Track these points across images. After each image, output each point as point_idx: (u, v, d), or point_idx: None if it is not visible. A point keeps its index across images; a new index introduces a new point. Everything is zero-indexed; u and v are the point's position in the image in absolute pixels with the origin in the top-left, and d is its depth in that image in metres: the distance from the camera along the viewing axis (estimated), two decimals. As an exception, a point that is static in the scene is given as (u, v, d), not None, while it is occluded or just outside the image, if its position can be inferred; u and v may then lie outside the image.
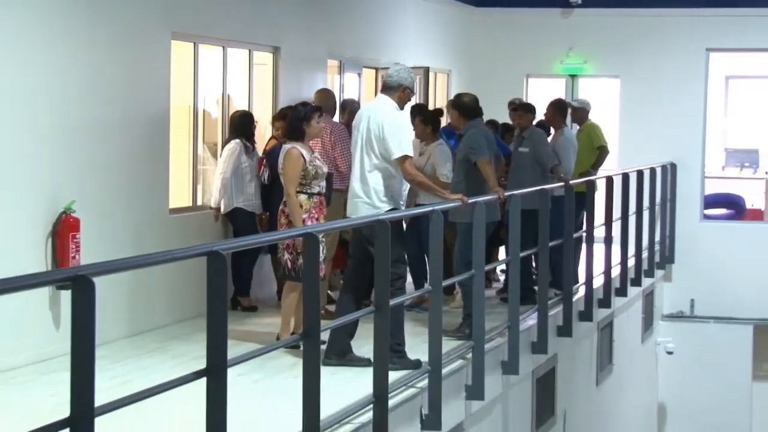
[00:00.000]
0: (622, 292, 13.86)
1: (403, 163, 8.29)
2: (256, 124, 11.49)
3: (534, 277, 11.53)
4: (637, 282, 14.83)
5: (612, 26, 19.08)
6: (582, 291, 12.16)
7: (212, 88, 11.61)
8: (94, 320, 4.06)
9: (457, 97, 10.63)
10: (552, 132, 12.83)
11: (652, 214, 16.19)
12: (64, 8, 8.91)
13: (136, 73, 9.88)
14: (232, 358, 5.06)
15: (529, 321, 10.35)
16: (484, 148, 9.99)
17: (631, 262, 14.46)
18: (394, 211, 8.24)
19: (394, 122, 8.35)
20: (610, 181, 12.96)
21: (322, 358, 6.92)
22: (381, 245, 6.78)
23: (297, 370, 6.01)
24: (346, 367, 8.20)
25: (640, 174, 14.93)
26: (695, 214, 18.85)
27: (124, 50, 9.68)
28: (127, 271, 7.35)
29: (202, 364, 4.94)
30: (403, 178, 8.37)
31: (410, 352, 8.19)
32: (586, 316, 12.13)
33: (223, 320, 4.92)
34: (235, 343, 8.10)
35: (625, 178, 13.91)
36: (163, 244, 9.51)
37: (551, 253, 10.68)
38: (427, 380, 7.63)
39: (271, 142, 11.42)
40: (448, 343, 8.59)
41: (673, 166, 18.23)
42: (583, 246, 12.20)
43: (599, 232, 12.60)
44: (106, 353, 8.51)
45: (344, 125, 11.68)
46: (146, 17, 10.03)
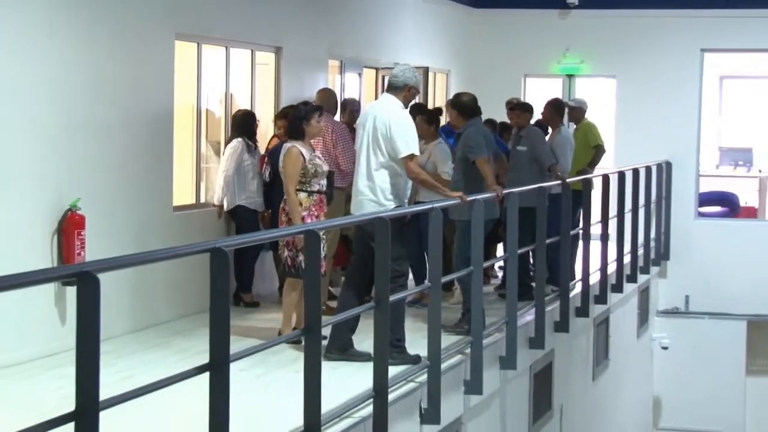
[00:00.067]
0: (618, 288, 13.86)
1: (408, 162, 8.29)
2: (258, 123, 11.48)
3: (531, 273, 11.52)
4: (632, 278, 14.83)
5: (608, 27, 19.06)
6: (579, 287, 12.16)
7: (215, 88, 11.61)
8: (99, 316, 4.06)
9: (456, 97, 10.62)
10: (550, 131, 12.84)
11: (648, 212, 16.17)
12: (68, 10, 8.90)
13: (141, 73, 9.88)
14: (235, 353, 5.05)
15: (527, 317, 10.36)
16: (482, 146, 9.99)
17: (627, 259, 14.46)
18: (398, 209, 8.24)
19: (401, 121, 8.36)
20: (606, 180, 12.94)
21: (323, 353, 6.92)
22: (381, 242, 6.78)
23: (298, 365, 6.00)
24: (347, 362, 8.20)
25: (636, 172, 14.91)
26: (690, 212, 18.84)
27: (129, 50, 9.68)
28: (132, 268, 7.34)
29: (205, 359, 4.94)
30: (407, 175, 8.37)
31: (410, 348, 8.20)
32: (583, 312, 12.13)
33: (226, 316, 4.92)
34: (237, 339, 8.10)
35: (621, 176, 13.91)
36: (166, 241, 9.53)
37: (548, 250, 10.67)
38: (426, 375, 7.63)
39: (273, 141, 11.42)
40: (447, 339, 8.59)
41: (669, 165, 18.22)
42: (580, 243, 12.20)
43: (596, 230, 12.59)
44: (111, 348, 8.51)
45: (345, 124, 11.68)
46: (150, 18, 10.02)
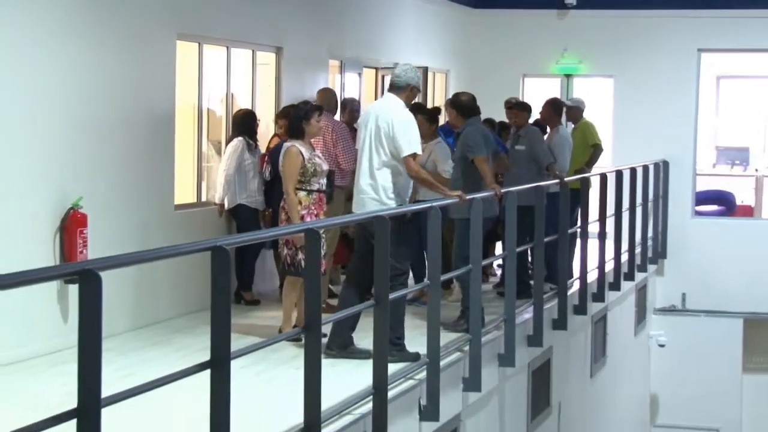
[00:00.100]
0: (616, 286, 13.86)
1: (409, 160, 8.28)
2: (258, 123, 11.48)
3: (530, 271, 11.52)
4: (630, 276, 14.83)
5: (606, 27, 19.05)
6: (576, 285, 12.16)
7: (216, 88, 11.60)
8: (101, 313, 4.06)
9: (456, 96, 10.62)
10: (548, 130, 12.84)
11: (645, 211, 16.17)
12: (71, 11, 8.90)
13: (143, 73, 9.87)
14: (236, 350, 5.05)
15: (525, 314, 10.36)
16: (480, 145, 9.99)
17: (625, 257, 14.46)
18: (399, 208, 8.24)
19: (405, 120, 8.36)
20: (604, 179, 12.95)
21: (323, 350, 6.92)
22: (381, 240, 6.78)
23: (299, 362, 6.00)
24: (347, 359, 8.20)
25: (634, 171, 14.91)
26: (687, 211, 18.83)
27: (131, 51, 9.68)
28: (133, 266, 7.34)
29: (206, 357, 4.94)
30: (408, 174, 8.37)
31: (409, 345, 8.20)
32: (581, 309, 12.13)
33: (227, 313, 4.92)
34: (238, 336, 8.12)
35: (619, 175, 13.91)
36: (168, 240, 9.52)
37: (547, 248, 10.68)
38: (425, 372, 7.62)
39: (274, 140, 11.41)
40: (446, 336, 8.58)
41: (666, 164, 18.22)
42: (578, 241, 12.20)
43: (593, 228, 12.59)
44: (113, 346, 8.51)
45: (345, 123, 11.68)
46: (152, 18, 10.02)
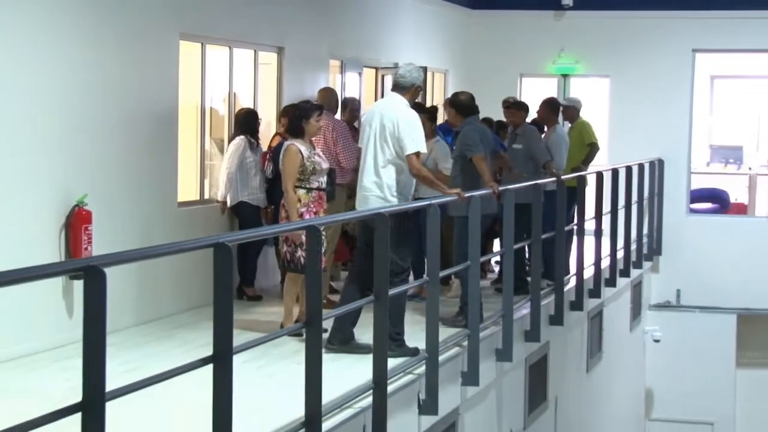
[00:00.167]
0: (612, 282, 13.86)
1: (412, 158, 8.28)
2: (260, 121, 11.48)
3: (527, 268, 11.52)
4: (625, 273, 14.82)
5: (602, 28, 19.04)
6: (573, 281, 12.15)
7: (219, 87, 11.60)
8: (106, 309, 4.06)
9: (455, 96, 10.62)
10: (545, 129, 12.83)
11: (641, 208, 16.16)
12: (74, 12, 8.88)
13: (146, 73, 9.87)
14: (238, 345, 5.04)
15: (523, 310, 10.35)
16: (478, 144, 9.98)
17: (620, 254, 14.45)
18: (400, 206, 8.23)
19: (409, 119, 8.36)
20: (600, 177, 12.94)
21: (324, 344, 6.92)
22: (381, 237, 6.77)
23: (300, 357, 5.99)
24: (347, 354, 8.20)
25: (629, 170, 14.90)
26: (682, 208, 18.83)
27: (135, 51, 9.67)
28: (137, 262, 7.34)
29: (209, 351, 4.94)
30: (410, 172, 8.36)
31: (408, 340, 8.19)
32: (577, 305, 12.12)
33: (229, 309, 4.92)
34: (240, 332, 8.10)
35: (615, 173, 13.90)
36: (171, 236, 9.51)
37: (544, 245, 10.67)
38: (424, 367, 7.62)
39: (276, 139, 11.41)
40: (445, 332, 8.58)
41: (661, 162, 18.21)
42: (574, 238, 12.19)
43: (590, 225, 12.59)
44: (116, 341, 8.49)
45: (346, 122, 11.67)
46: (155, 19, 10.01)
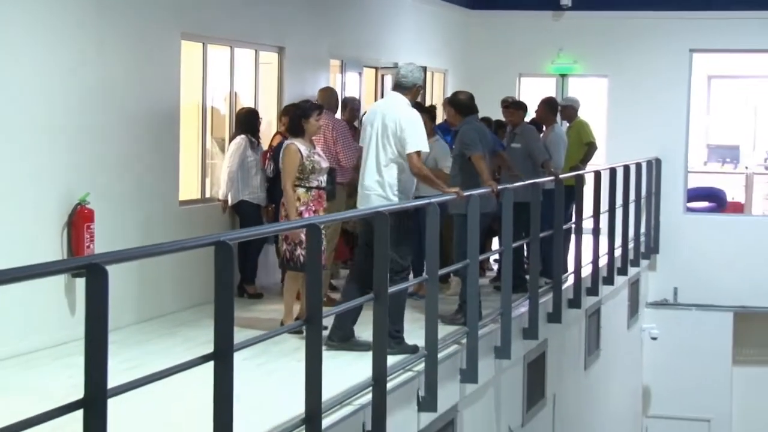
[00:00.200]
0: (609, 280, 13.86)
1: (413, 157, 8.27)
2: (260, 121, 11.48)
3: (525, 266, 11.52)
4: (623, 271, 14.82)
5: (600, 28, 19.04)
6: (571, 279, 12.15)
7: (220, 86, 11.60)
8: (107, 306, 4.06)
9: (454, 95, 10.62)
10: (544, 129, 12.83)
11: (638, 207, 16.16)
12: (76, 12, 8.88)
13: (148, 73, 9.87)
14: (239, 342, 5.05)
15: (521, 308, 10.35)
16: (477, 143, 9.98)
17: (618, 252, 14.45)
18: (400, 204, 8.23)
19: (411, 119, 8.36)
20: (598, 176, 12.94)
21: (324, 341, 6.92)
22: (381, 236, 6.77)
23: (300, 354, 6.00)
24: (347, 351, 8.21)
25: (627, 169, 14.90)
26: (679, 207, 18.84)
27: (137, 50, 9.67)
28: (139, 260, 7.34)
29: (210, 349, 4.94)
30: (410, 170, 8.36)
31: (408, 338, 8.20)
32: (575, 303, 12.12)
33: (230, 307, 4.92)
34: (241, 329, 8.09)
35: (613, 172, 13.90)
36: (172, 235, 9.51)
37: (542, 243, 10.67)
38: (423, 364, 7.62)
39: (277, 138, 11.41)
40: (444, 329, 8.59)
41: (658, 161, 18.21)
42: (572, 237, 12.19)
43: (588, 224, 12.59)
44: (118, 338, 8.49)
45: (346, 122, 11.67)
46: (157, 19, 10.01)
